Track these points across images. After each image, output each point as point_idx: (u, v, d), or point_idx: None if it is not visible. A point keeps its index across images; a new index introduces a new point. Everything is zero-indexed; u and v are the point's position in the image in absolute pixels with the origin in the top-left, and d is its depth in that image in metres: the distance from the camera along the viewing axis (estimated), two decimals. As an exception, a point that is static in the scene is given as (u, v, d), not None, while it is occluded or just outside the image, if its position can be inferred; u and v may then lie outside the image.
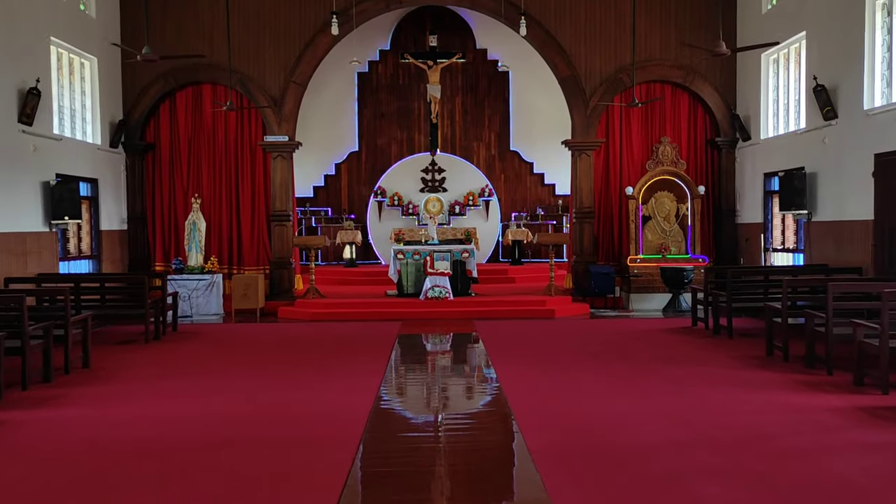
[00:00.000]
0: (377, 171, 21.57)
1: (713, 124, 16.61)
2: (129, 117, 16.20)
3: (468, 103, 21.74)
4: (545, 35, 16.30)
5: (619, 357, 10.52)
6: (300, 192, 21.30)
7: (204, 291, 15.47)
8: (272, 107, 16.17)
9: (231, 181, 16.54)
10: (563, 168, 21.23)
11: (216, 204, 16.53)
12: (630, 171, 16.65)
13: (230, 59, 14.81)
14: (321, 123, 21.45)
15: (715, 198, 16.62)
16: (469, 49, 21.52)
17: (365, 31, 20.31)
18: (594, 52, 16.38)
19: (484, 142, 21.80)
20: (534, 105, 21.61)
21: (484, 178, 21.37)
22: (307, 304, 15.24)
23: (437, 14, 21.47)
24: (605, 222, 16.76)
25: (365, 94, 21.65)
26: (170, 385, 8.92)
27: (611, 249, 16.76)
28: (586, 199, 16.40)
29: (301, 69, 16.23)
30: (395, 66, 21.58)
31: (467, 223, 21.00)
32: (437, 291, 15.04)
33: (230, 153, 16.53)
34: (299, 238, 15.92)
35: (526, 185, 21.90)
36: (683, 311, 14.99)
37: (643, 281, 15.68)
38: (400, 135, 21.70)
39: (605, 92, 16.35)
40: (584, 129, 16.40)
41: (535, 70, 21.11)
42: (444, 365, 10.97)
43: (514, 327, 13.57)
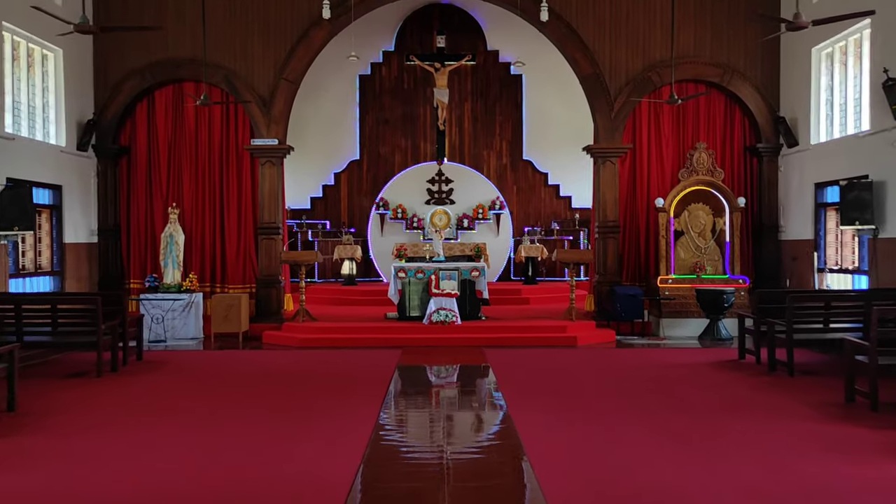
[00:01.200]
0: (379, 181, 19.59)
1: (753, 129, 14.58)
2: (101, 117, 14.26)
3: (478, 109, 19.78)
4: (565, 29, 14.33)
5: (663, 401, 8.45)
6: (296, 204, 19.39)
7: (181, 312, 13.47)
8: (260, 107, 14.21)
9: (215, 189, 14.58)
10: (579, 179, 19.31)
11: (198, 214, 14.55)
12: (659, 181, 14.62)
13: (205, 52, 12.88)
14: (319, 130, 19.51)
15: (755, 211, 14.56)
16: (479, 50, 19.58)
17: (367, 31, 18.44)
18: (620, 48, 14.40)
19: (495, 150, 19.82)
20: (549, 111, 19.63)
21: (495, 189, 19.38)
22: (296, 329, 13.21)
23: (446, 13, 19.57)
24: (631, 238, 14.72)
25: (367, 98, 19.71)
26: (93, 442, 6.84)
27: (637, 268, 14.70)
28: (610, 211, 14.37)
29: (293, 65, 14.29)
30: (400, 69, 19.65)
31: (476, 238, 18.97)
32: (443, 315, 13.01)
33: (214, 158, 14.57)
34: (288, 253, 13.93)
35: (540, 198, 19.89)
36: (723, 340, 12.90)
37: (676, 304, 13.62)
38: (404, 142, 19.74)
39: (632, 92, 14.35)
40: (608, 134, 14.39)
41: (551, 73, 19.19)
42: (448, 408, 8.90)
43: (531, 358, 11.52)
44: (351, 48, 16.34)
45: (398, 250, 15.05)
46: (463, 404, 9.05)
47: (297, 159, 18.94)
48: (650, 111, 14.64)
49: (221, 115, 14.53)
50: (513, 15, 18.76)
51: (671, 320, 13.58)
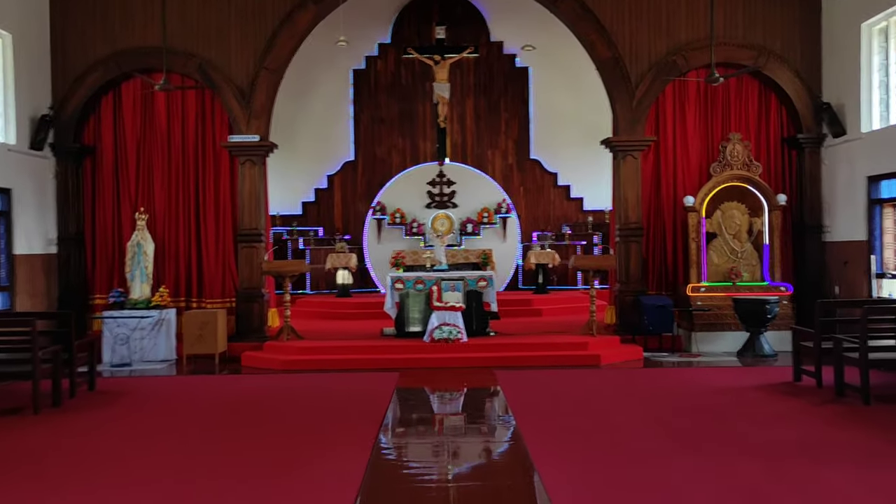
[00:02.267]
0: (376, 184, 17.88)
1: (791, 117, 12.82)
2: (60, 112, 12.54)
3: (481, 105, 18.07)
4: (580, 8, 12.61)
5: (720, 440, 6.69)
6: (287, 209, 17.71)
7: (150, 331, 11.73)
8: (239, 99, 12.50)
9: (190, 192, 12.84)
10: (592, 179, 17.65)
11: (171, 220, 12.81)
12: (686, 177, 12.87)
13: (164, 38, 11.18)
14: (310, 129, 17.84)
15: (794, 210, 12.80)
16: (482, 42, 17.91)
17: (360, 22, 16.82)
18: (641, 29, 12.67)
19: (500, 149, 18.11)
20: (558, 106, 17.94)
21: (501, 191, 17.66)
22: (279, 349, 11.46)
23: (445, 2, 17.91)
24: (656, 241, 12.96)
25: (362, 95, 18.02)
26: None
27: (664, 275, 12.94)
28: (633, 212, 12.62)
29: (275, 53, 12.57)
30: (397, 63, 17.96)
31: (481, 244, 17.25)
32: (447, 331, 11.26)
33: (189, 158, 12.84)
34: (270, 263, 12.18)
35: (549, 200, 18.17)
36: (766, 357, 11.15)
37: (710, 316, 11.86)
38: (402, 142, 18.04)
39: (656, 78, 12.62)
40: (629, 125, 12.65)
41: (560, 65, 17.58)
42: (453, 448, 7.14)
43: (549, 381, 9.78)
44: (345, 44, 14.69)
45: (395, 258, 13.31)
46: (470, 443, 7.28)
47: (286, 161, 17.30)
48: (675, 100, 12.90)
49: (197, 109, 12.81)
50: (517, 4, 17.11)
51: (705, 334, 11.83)
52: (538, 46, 17.68)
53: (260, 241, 12.61)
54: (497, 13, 17.81)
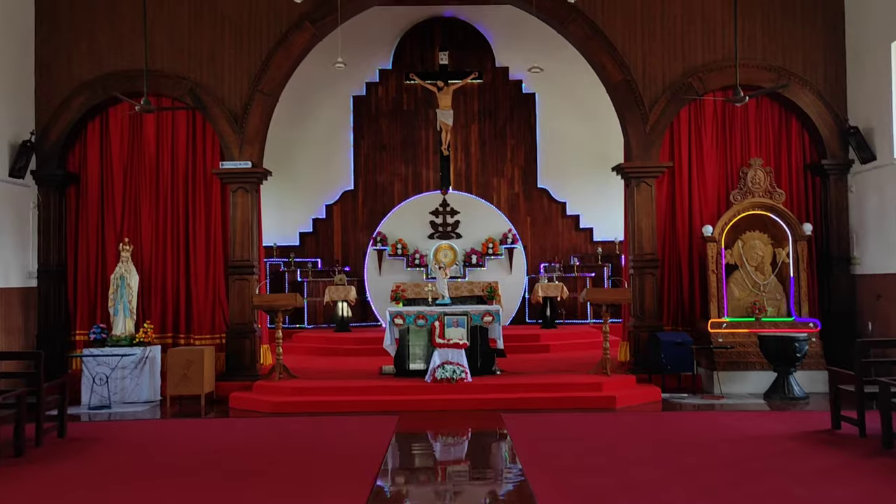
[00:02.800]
0: (377, 213, 17.13)
1: (814, 142, 12.05)
2: (44, 138, 11.83)
3: (486, 132, 17.37)
4: (590, 29, 11.92)
5: (759, 500, 5.82)
6: (284, 240, 16.95)
7: (132, 370, 10.91)
8: (231, 124, 11.79)
9: (179, 222, 12.07)
10: (601, 209, 16.88)
11: (159, 252, 12.03)
12: (703, 206, 12.08)
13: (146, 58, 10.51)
14: (308, 157, 17.14)
15: (820, 241, 11.99)
16: (487, 68, 17.26)
17: (361, 47, 16.24)
18: (654, 51, 11.97)
19: (506, 178, 17.37)
20: (566, 133, 17.23)
21: (506, 221, 16.89)
22: (269, 390, 10.61)
23: (449, 27, 17.28)
24: (672, 274, 12.13)
25: (362, 121, 17.34)
26: None
27: (680, 310, 12.09)
28: (647, 242, 11.81)
29: (270, 75, 11.88)
30: (399, 89, 17.30)
31: (486, 276, 16.44)
32: (450, 370, 10.40)
33: (179, 186, 12.08)
34: (261, 297, 11.36)
35: (557, 230, 17.37)
36: (797, 399, 10.26)
37: (733, 354, 10.99)
38: (404, 170, 17.32)
39: (670, 101, 11.89)
40: (642, 150, 11.90)
41: (568, 91, 16.94)
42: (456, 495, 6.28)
43: (559, 425, 8.94)
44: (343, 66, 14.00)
45: (395, 292, 12.46)
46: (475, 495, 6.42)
47: (284, 190, 16.62)
48: (690, 124, 12.16)
49: (187, 134, 12.09)
50: (523, 28, 16.51)
51: (728, 373, 10.94)
52: (545, 73, 16.93)
53: (252, 273, 11.81)
54: (502, 38, 17.18)
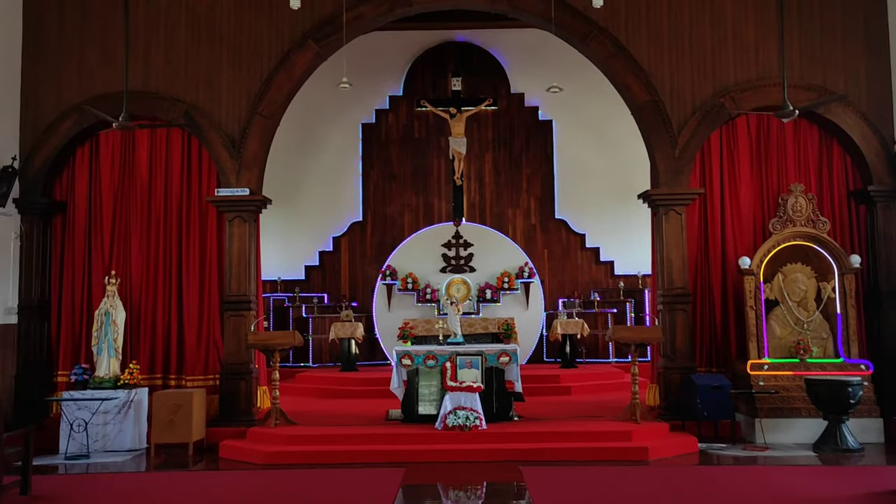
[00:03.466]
0: (386, 246, 16.19)
1: (859, 167, 11.01)
2: (28, 164, 10.98)
3: (501, 160, 16.46)
4: (613, 46, 11.01)
5: None
6: (288, 274, 16.03)
7: (115, 415, 9.90)
8: (229, 149, 10.91)
9: (171, 254, 11.13)
10: (623, 242, 15.88)
11: (149, 286, 11.08)
12: (738, 236, 11.04)
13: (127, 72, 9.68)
14: (315, 187, 16.30)
15: (867, 273, 10.89)
16: (501, 94, 16.42)
17: (370, 72, 15.51)
18: (683, 69, 11.02)
19: (521, 209, 16.41)
20: (585, 162, 16.30)
21: (522, 254, 15.88)
22: (264, 437, 9.55)
23: (462, 52, 16.48)
24: (705, 310, 11.03)
25: (371, 150, 16.48)
26: None
27: (713, 349, 10.98)
28: (678, 275, 10.76)
29: (270, 97, 11.01)
30: (409, 116, 16.47)
31: (502, 312, 15.40)
32: (462, 417, 9.32)
33: (172, 216, 11.17)
34: (256, 335, 10.34)
35: (576, 264, 16.35)
36: (851, 451, 9.09)
37: (776, 399, 9.85)
38: (415, 200, 16.40)
39: (701, 123, 10.92)
40: (671, 176, 10.90)
41: (587, 118, 16.09)
42: None
43: (586, 481, 7.84)
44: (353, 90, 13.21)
45: (403, 329, 11.36)
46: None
47: (289, 222, 15.78)
48: (723, 147, 11.17)
49: (182, 160, 11.21)
50: (540, 53, 15.73)
51: (772, 421, 9.79)
52: (563, 97, 16.05)
53: (249, 308, 10.83)
54: (517, 63, 16.34)
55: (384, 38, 16.25)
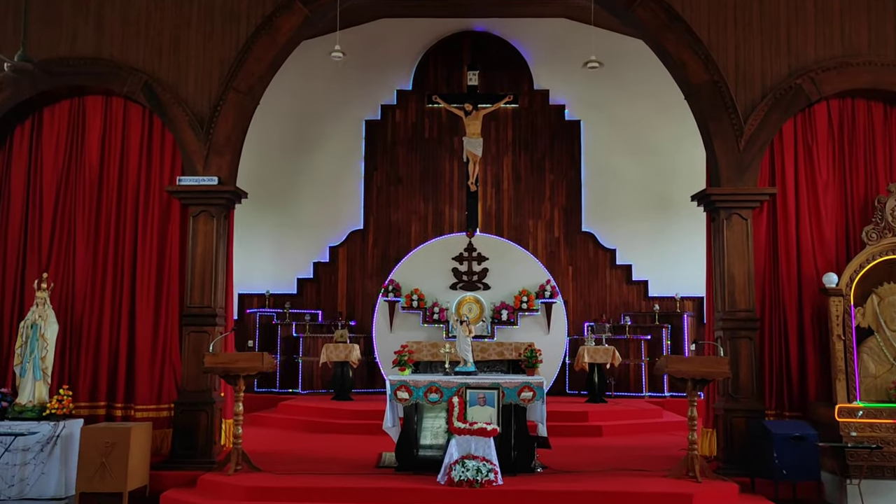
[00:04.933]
0: (390, 258, 14.03)
1: (969, 165, 8.78)
2: (-49, 144, 8.95)
3: (522, 165, 14.29)
4: (665, 14, 8.84)
5: None
6: (279, 287, 13.90)
7: (38, 454, 7.70)
8: (196, 129, 8.80)
9: (124, 255, 8.96)
10: (657, 259, 13.75)
11: (96, 293, 8.87)
12: (818, 247, 8.75)
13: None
14: (312, 190, 14.21)
15: (979, 297, 8.56)
16: (523, 91, 14.30)
17: (376, 64, 13.69)
18: (751, 44, 8.82)
19: (544, 219, 14.20)
20: (616, 169, 14.13)
21: (544, 270, 13.66)
22: (217, 488, 7.30)
23: (480, 43, 14.41)
24: (774, 338, 8.72)
25: (376, 150, 14.36)
26: None
27: (786, 388, 8.64)
28: (741, 295, 8.49)
29: (248, 69, 8.90)
30: (419, 113, 14.36)
31: (519, 336, 13.16)
32: (472, 469, 7.04)
33: (127, 209, 9.02)
34: (214, 357, 8.04)
35: (604, 283, 14.10)
36: None
37: (876, 456, 7.52)
38: (423, 207, 14.24)
39: (773, 108, 8.70)
40: (734, 172, 8.66)
41: (620, 119, 14.03)
42: None
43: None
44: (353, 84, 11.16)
45: (399, 353, 8.96)
46: None
47: (281, 228, 13.73)
48: (797, 139, 8.92)
49: (142, 144, 9.08)
50: (567, 45, 13.68)
51: (870, 483, 7.46)
52: (594, 96, 14.04)
53: (214, 324, 8.65)
54: (542, 56, 14.24)
55: (392, 25, 14.27)
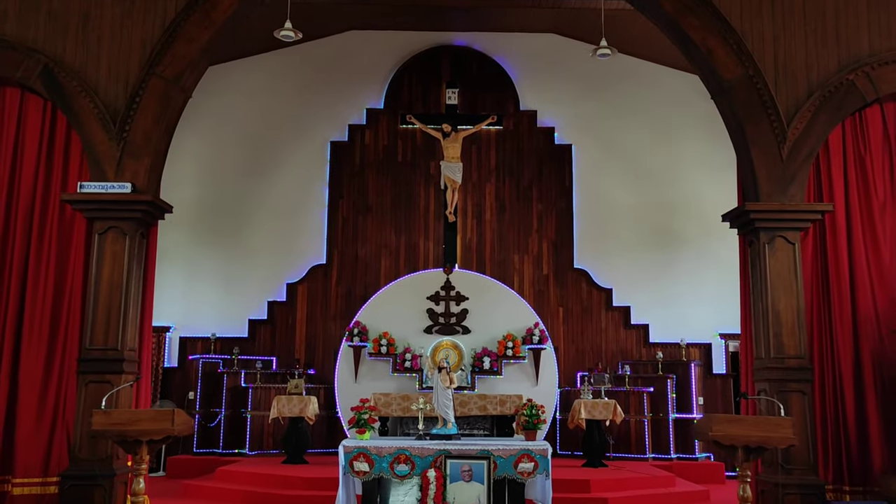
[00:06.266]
0: (355, 297, 12.02)
1: None
2: None
3: (506, 193, 12.46)
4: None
5: None
6: (227, 330, 11.82)
7: None
8: (106, 124, 6.86)
9: (11, 282, 6.94)
10: (659, 299, 11.97)
11: (-28, 332, 6.83)
12: (875, 277, 6.97)
13: None
14: (268, 220, 12.24)
15: None
16: (508, 111, 12.55)
17: (344, 79, 11.84)
18: (793, 33, 7.15)
19: (531, 254, 12.32)
20: (612, 199, 12.36)
21: (531, 312, 11.72)
22: None
23: (460, 58, 12.71)
24: (826, 390, 6.87)
25: (342, 175, 12.44)
26: None
27: (843, 454, 6.75)
28: (790, 336, 6.64)
29: (177, 51, 7.04)
30: (392, 134, 12.53)
31: (504, 387, 11.15)
32: (455, 574, 4.99)
33: (18, 224, 7.03)
34: (106, 416, 5.84)
35: (599, 326, 12.17)
36: None
37: None
38: (395, 240, 12.30)
39: (820, 109, 7.00)
40: (777, 185, 6.89)
41: (615, 143, 12.32)
42: None
43: None
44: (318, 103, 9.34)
45: (358, 410, 6.78)
46: None
47: (231, 263, 11.81)
48: (845, 147, 7.22)
49: (41, 143, 7.14)
50: (556, 62, 12.14)
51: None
52: (588, 118, 12.38)
53: (121, 370, 6.59)
54: (529, 73, 12.56)
55: (363, 38, 12.57)
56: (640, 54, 12.29)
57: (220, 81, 12.11)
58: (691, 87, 12.33)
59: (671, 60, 12.12)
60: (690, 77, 12.38)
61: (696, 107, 12.23)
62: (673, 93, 12.37)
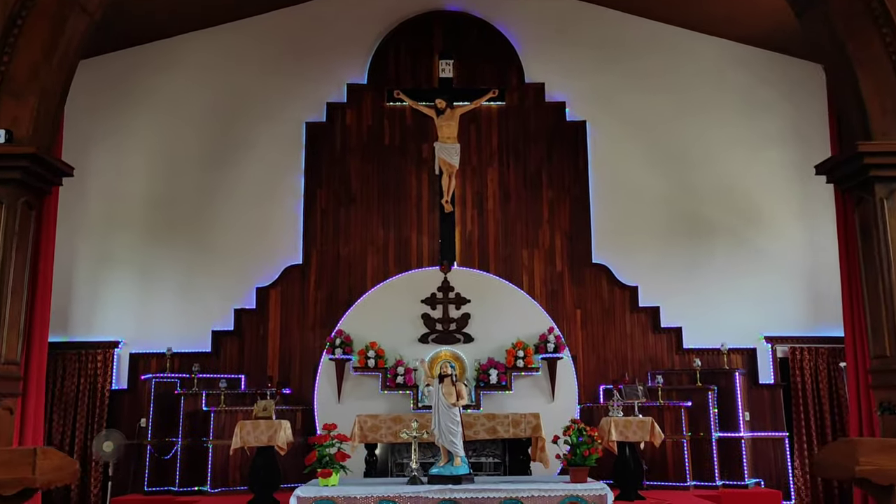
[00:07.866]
0: (338, 302, 9.99)
1: None
2: None
3: (511, 178, 10.48)
4: None
5: None
6: (186, 344, 9.79)
7: None
8: (-25, 52, 4.88)
9: None
10: (694, 299, 9.96)
11: None
12: None
13: None
14: (234, 215, 10.22)
15: None
16: (512, 84, 10.62)
17: (322, 50, 9.90)
18: (900, -82, 5.25)
19: (541, 248, 10.30)
20: (633, 182, 10.40)
21: (544, 315, 9.75)
22: None
23: (455, 25, 10.80)
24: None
25: (320, 161, 10.45)
26: None
27: None
28: (925, 326, 4.64)
29: (76, -43, 5.09)
30: (378, 113, 10.56)
31: (514, 404, 9.18)
32: None
33: None
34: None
35: (624, 331, 10.14)
36: None
37: None
38: (382, 235, 10.28)
39: (947, 18, 5.06)
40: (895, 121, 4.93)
41: (633, 118, 10.40)
42: None
43: None
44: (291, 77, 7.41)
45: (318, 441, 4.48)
46: None
47: (191, 266, 9.79)
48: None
49: None
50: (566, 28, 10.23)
51: None
52: (604, 91, 10.49)
53: None
54: (534, 41, 10.64)
55: (342, 3, 10.66)
56: (664, 17, 10.42)
57: (173, 58, 10.26)
58: (724, 53, 10.52)
59: (700, 24, 10.29)
60: (723, 42, 10.55)
61: (730, 76, 10.43)
62: (703, 61, 10.49)
